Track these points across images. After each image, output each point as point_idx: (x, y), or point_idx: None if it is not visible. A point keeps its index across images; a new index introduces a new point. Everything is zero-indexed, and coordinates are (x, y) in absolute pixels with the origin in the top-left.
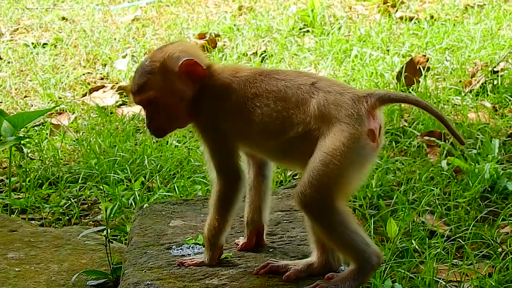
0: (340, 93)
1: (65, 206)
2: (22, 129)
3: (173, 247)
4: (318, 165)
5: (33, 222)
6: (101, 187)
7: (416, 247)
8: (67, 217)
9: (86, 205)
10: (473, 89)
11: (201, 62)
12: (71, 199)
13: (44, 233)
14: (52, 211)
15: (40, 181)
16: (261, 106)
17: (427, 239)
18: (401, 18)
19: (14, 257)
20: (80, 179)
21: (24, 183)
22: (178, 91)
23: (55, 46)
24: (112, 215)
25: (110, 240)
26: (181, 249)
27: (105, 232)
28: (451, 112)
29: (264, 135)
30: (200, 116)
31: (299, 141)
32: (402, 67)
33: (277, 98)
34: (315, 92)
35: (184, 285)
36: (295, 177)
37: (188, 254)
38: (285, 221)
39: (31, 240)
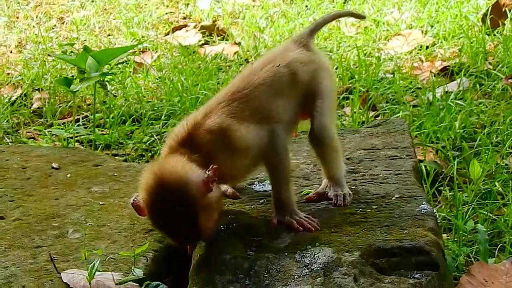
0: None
1: (148, 142)
2: (106, 66)
3: (255, 182)
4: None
5: (116, 157)
6: None
7: (500, 189)
8: (150, 154)
9: None
10: None
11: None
12: (154, 136)
13: (127, 168)
14: (135, 148)
15: (123, 118)
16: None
17: (510, 181)
18: None
19: (98, 191)
20: (163, 116)
21: (108, 120)
22: None
23: None
24: None
25: None
26: (263, 185)
27: None
28: None
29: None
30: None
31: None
32: (488, 9)
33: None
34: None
35: (267, 219)
36: (376, 117)
37: (270, 190)
38: (367, 159)
39: (115, 174)
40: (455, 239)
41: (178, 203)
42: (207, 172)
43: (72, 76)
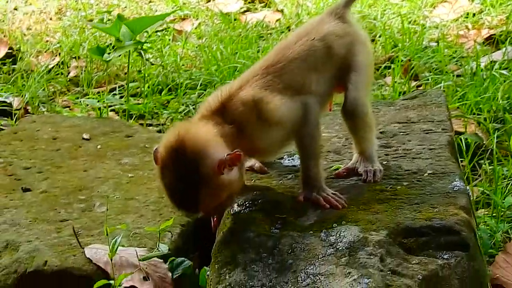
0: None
1: (183, 112)
2: (144, 34)
3: (284, 157)
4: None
5: (150, 127)
6: None
7: None
8: None
9: None
10: None
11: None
12: (190, 105)
13: (159, 139)
14: (171, 117)
15: (159, 87)
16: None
17: None
18: None
19: (128, 163)
20: (200, 85)
21: (143, 89)
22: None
23: None
24: None
25: None
26: (292, 159)
27: None
28: None
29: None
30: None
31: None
32: None
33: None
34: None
35: (293, 196)
36: (418, 87)
37: (299, 165)
38: (401, 133)
39: (146, 146)
40: (493, 214)
41: (186, 172)
42: (226, 156)
43: (110, 44)
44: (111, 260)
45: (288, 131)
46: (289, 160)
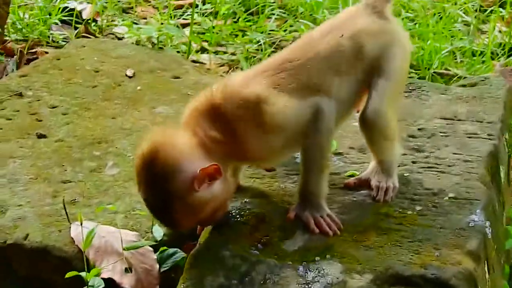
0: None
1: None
2: None
3: None
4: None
5: (202, 67)
6: None
7: None
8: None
9: None
10: None
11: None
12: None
13: (205, 86)
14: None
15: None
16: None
17: None
18: None
19: (162, 113)
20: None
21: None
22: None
23: None
24: None
25: None
26: None
27: None
28: None
29: None
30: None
31: None
32: None
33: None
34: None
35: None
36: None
37: None
38: (441, 134)
39: (189, 93)
40: None
41: (158, 190)
42: (199, 171)
43: None
44: (84, 252)
45: (290, 139)
46: None
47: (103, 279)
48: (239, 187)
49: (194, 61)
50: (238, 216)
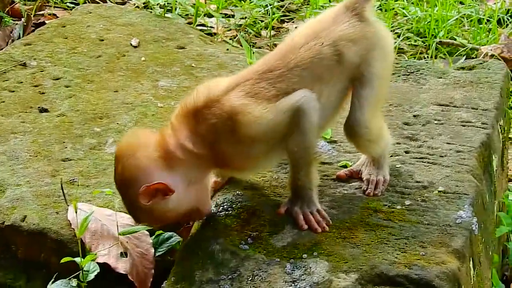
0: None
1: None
2: None
3: None
4: None
5: (208, 38)
6: None
7: None
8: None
9: None
10: None
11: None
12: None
13: (209, 57)
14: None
15: None
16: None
17: None
18: None
19: (164, 87)
20: None
21: None
22: None
23: None
24: None
25: None
26: None
27: None
28: None
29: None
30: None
31: None
32: None
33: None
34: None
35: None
36: None
37: None
38: (435, 122)
39: (193, 65)
40: None
41: (121, 190)
42: (142, 188)
43: None
44: (79, 240)
45: (273, 146)
46: None
47: (98, 263)
48: (231, 179)
49: (201, 25)
50: (229, 209)
